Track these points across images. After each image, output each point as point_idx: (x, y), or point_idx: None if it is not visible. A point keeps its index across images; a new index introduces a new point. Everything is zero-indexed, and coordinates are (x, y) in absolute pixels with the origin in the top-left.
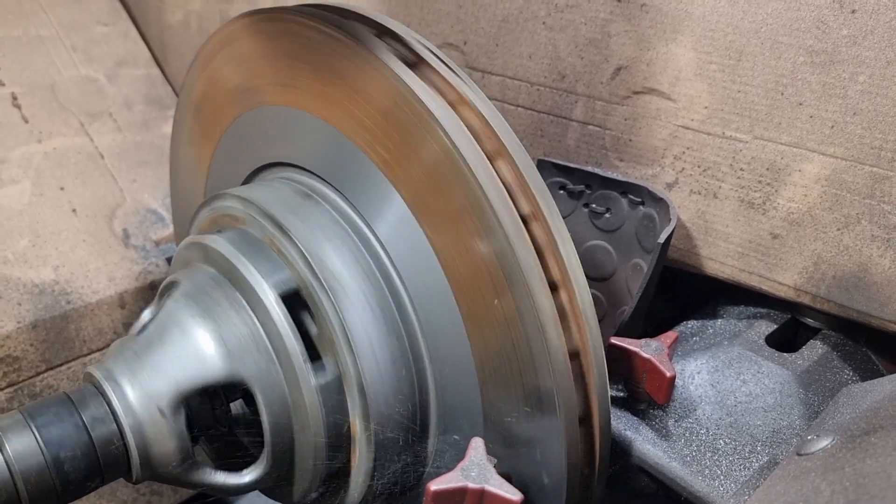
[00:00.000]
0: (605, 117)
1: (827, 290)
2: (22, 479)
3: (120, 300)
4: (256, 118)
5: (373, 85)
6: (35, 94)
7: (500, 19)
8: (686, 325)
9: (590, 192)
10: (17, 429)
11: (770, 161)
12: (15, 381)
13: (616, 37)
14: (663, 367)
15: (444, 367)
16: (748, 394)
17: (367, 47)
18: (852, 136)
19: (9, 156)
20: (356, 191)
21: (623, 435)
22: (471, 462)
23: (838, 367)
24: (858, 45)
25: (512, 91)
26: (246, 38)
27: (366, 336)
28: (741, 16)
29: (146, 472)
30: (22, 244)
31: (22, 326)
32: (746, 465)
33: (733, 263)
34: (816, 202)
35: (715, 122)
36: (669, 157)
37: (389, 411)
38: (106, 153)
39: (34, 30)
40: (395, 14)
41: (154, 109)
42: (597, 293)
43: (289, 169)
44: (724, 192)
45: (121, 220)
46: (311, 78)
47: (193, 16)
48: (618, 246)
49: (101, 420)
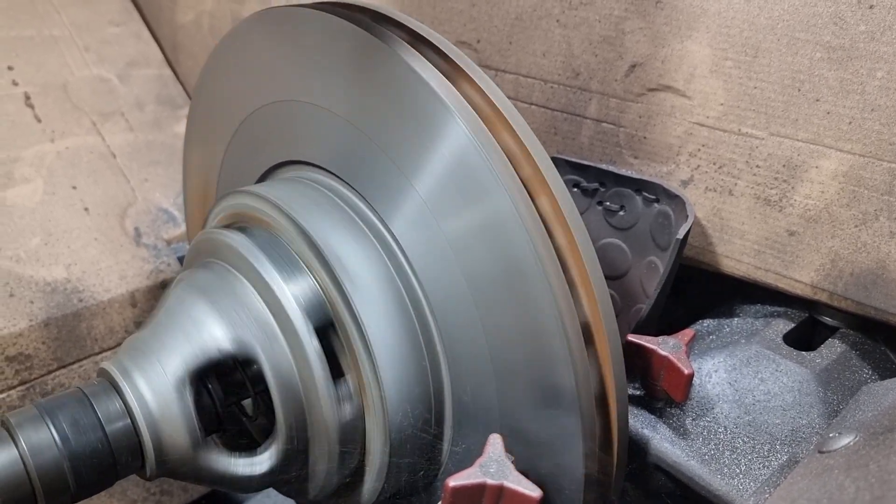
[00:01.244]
0: (620, 115)
1: (844, 287)
2: (37, 473)
3: (131, 299)
4: (270, 116)
5: (389, 78)
6: (48, 93)
7: (514, 17)
8: (703, 324)
9: (604, 190)
10: (33, 423)
11: (787, 158)
12: (27, 379)
13: (631, 34)
14: (681, 365)
15: (459, 363)
16: (766, 392)
17: (383, 41)
18: (870, 132)
19: (22, 155)
20: (371, 187)
21: (641, 433)
22: (489, 458)
23: (857, 366)
24: (876, 40)
25: (525, 89)
26: (258, 36)
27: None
28: (757, 12)
29: (160, 466)
30: (34, 242)
31: (34, 324)
32: (765, 464)
33: (749, 261)
34: (834, 199)
35: (731, 118)
36: (685, 154)
37: (405, 410)
38: (118, 152)
39: (47, 30)
40: (408, 12)
41: (166, 109)
42: (611, 291)
43: (304, 167)
44: (740, 190)
45: (132, 218)
46: (326, 75)
47: (205, 16)
48: (632, 244)
49: (115, 415)
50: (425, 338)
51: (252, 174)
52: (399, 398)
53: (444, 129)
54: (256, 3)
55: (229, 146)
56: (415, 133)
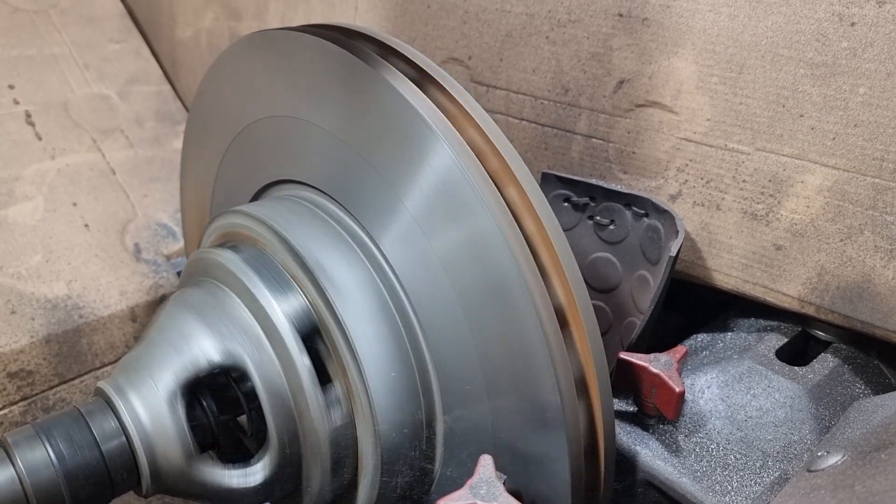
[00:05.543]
0: (609, 130)
1: (831, 300)
2: (33, 492)
3: (131, 314)
4: (263, 135)
5: (378, 102)
6: (49, 111)
7: (504, 34)
8: (696, 339)
9: (594, 205)
10: (29, 443)
11: (772, 173)
12: (28, 395)
13: (618, 51)
14: (672, 383)
15: (449, 380)
16: (759, 408)
17: (372, 65)
18: (854, 147)
19: (23, 173)
20: (361, 205)
21: (633, 450)
22: (479, 479)
23: (850, 381)
24: (858, 57)
25: (516, 105)
26: (254, 55)
27: (368, 342)
28: (741, 29)
29: (155, 482)
30: (35, 259)
31: (35, 341)
32: (757, 481)
33: (737, 275)
34: (819, 213)
35: (717, 134)
36: (672, 169)
37: (396, 425)
38: (118, 169)
39: (48, 49)
40: (400, 30)
41: (165, 125)
42: (602, 305)
43: (296, 186)
44: (728, 204)
45: (132, 234)
46: (318, 96)
47: (203, 33)
48: (622, 258)
49: (110, 433)
50: (414, 349)
51: (245, 192)
52: (388, 404)
53: (430, 151)
54: (254, 20)
55: (222, 163)
56: (402, 154)
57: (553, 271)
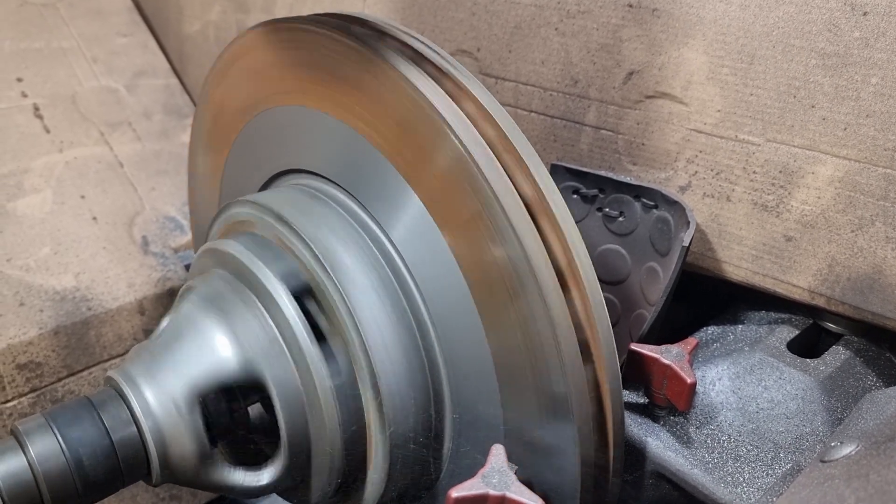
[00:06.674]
0: (618, 121)
1: (841, 292)
2: (44, 480)
3: (139, 306)
4: (271, 126)
5: (387, 92)
6: (57, 105)
7: (513, 26)
8: (706, 331)
9: (603, 196)
10: (40, 431)
11: (783, 164)
12: (37, 387)
13: (628, 42)
14: (684, 374)
15: (459, 370)
16: (770, 400)
17: (381, 55)
18: (865, 137)
19: (31, 165)
20: (371, 196)
21: (644, 441)
22: (492, 468)
23: (861, 373)
24: (871, 47)
25: (525, 97)
26: (262, 47)
27: (378, 333)
28: (752, 20)
29: (165, 474)
30: (44, 252)
31: (44, 333)
32: (769, 472)
33: (747, 266)
34: (830, 204)
35: (727, 125)
36: (682, 160)
37: (404, 411)
38: (126, 162)
39: (56, 42)
40: (409, 22)
41: (173, 119)
42: (611, 297)
43: (304, 175)
44: (738, 195)
45: (140, 227)
46: (327, 86)
47: (211, 26)
48: (632, 250)
49: (121, 423)
50: (424, 342)
51: (254, 183)
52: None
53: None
54: (262, 13)
55: (230, 154)
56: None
57: (567, 268)
